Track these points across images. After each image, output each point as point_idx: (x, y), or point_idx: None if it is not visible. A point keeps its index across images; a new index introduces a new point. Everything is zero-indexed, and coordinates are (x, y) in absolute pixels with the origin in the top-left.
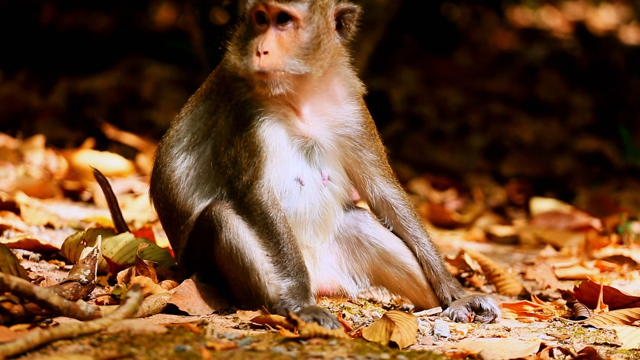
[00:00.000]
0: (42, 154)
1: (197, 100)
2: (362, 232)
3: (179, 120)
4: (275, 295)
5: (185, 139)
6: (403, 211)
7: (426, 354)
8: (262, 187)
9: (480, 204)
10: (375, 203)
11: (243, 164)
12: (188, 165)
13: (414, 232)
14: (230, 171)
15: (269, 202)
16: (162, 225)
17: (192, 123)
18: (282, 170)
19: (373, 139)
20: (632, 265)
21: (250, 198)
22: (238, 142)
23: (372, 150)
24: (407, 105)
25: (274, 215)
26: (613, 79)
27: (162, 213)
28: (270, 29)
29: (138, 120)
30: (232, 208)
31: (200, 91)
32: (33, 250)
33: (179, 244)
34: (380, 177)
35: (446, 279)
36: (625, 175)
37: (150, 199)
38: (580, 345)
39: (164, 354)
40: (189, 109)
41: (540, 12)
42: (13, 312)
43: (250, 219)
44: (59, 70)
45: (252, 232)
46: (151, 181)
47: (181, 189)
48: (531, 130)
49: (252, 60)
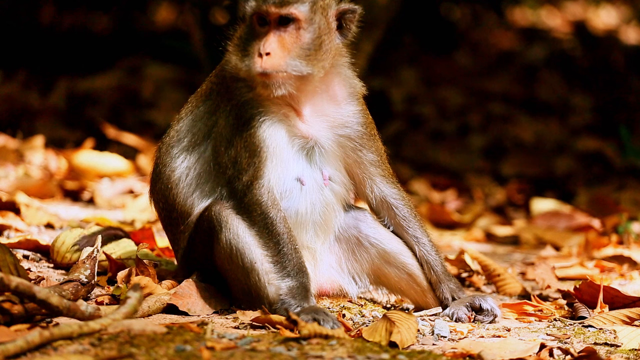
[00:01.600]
0: (42, 154)
1: (198, 100)
2: (362, 232)
3: (179, 121)
4: (275, 296)
5: (186, 139)
6: (403, 211)
7: (426, 354)
8: (262, 187)
9: (480, 204)
10: (375, 203)
11: (243, 164)
12: (188, 165)
13: (414, 232)
14: (230, 171)
15: (269, 202)
16: (162, 226)
17: (193, 123)
18: (282, 171)
19: (373, 139)
20: (632, 265)
21: (250, 198)
22: (238, 142)
23: (372, 151)
24: (407, 105)
25: (274, 216)
26: (613, 79)
27: (162, 213)
28: (272, 30)
29: (138, 120)
30: (232, 208)
31: (200, 91)
32: (33, 250)
33: (179, 244)
34: (380, 177)
35: (446, 279)
36: (625, 175)
37: (150, 199)
38: (580, 345)
39: (164, 354)
40: (189, 109)
41: (540, 12)
42: (13, 312)
43: (250, 219)
44: (59, 70)
45: (252, 233)
46: (151, 181)
47: (181, 189)
48: (531, 130)
49: (254, 61)
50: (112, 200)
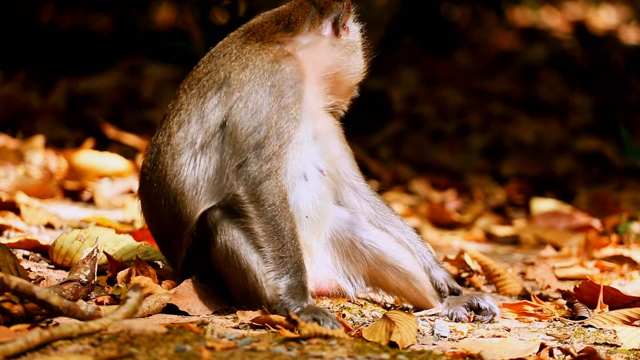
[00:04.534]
0: (42, 154)
1: (205, 92)
2: (356, 234)
3: (181, 125)
4: (274, 296)
5: (197, 141)
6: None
7: (426, 354)
8: (280, 178)
9: (480, 204)
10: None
11: (268, 151)
12: (197, 172)
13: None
14: (248, 156)
15: (282, 195)
16: (152, 233)
17: (202, 121)
18: (298, 161)
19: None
20: (632, 265)
21: (266, 186)
22: (268, 129)
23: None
24: (407, 105)
25: (284, 208)
26: (613, 79)
27: (156, 221)
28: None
29: (138, 120)
30: (228, 210)
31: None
32: (33, 250)
33: (176, 252)
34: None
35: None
36: (625, 175)
37: (141, 208)
38: (580, 345)
39: (164, 354)
40: (191, 106)
41: (540, 12)
42: (13, 312)
43: (258, 209)
44: (59, 70)
45: (247, 234)
46: (146, 186)
47: (190, 197)
48: (531, 130)
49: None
50: (112, 200)
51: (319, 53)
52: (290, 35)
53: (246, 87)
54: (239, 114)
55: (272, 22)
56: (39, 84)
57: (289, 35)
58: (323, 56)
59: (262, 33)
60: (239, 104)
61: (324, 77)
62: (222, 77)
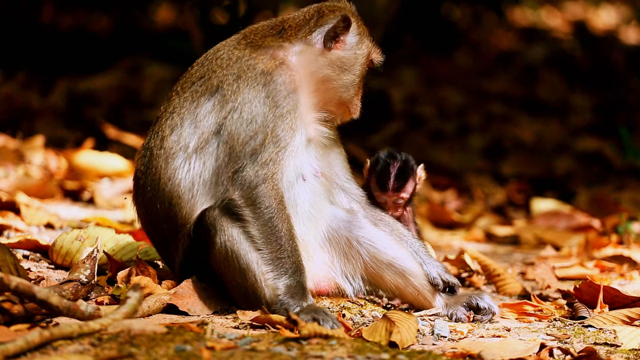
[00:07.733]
0: (42, 154)
1: (198, 97)
2: (353, 232)
3: (174, 129)
4: (274, 296)
5: (191, 144)
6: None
7: (426, 354)
8: (276, 182)
9: (480, 204)
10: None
11: (265, 157)
12: (193, 174)
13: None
14: (244, 161)
15: (278, 198)
16: (149, 237)
17: (195, 124)
18: (293, 166)
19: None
20: (632, 265)
21: (262, 190)
22: (265, 135)
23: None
24: (407, 105)
25: (280, 211)
26: (613, 79)
27: (153, 222)
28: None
29: (138, 120)
30: (226, 211)
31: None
32: (33, 250)
33: (173, 254)
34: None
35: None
36: (625, 175)
37: (136, 211)
38: (580, 345)
39: (164, 354)
40: (184, 110)
41: (540, 12)
42: (13, 312)
43: (255, 212)
44: (59, 70)
45: (247, 234)
46: (140, 189)
47: (186, 200)
48: (531, 130)
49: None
50: (112, 200)
51: (310, 63)
52: (281, 40)
53: (239, 97)
54: (234, 124)
55: (267, 27)
56: (39, 84)
57: (279, 40)
58: (314, 67)
59: (253, 37)
60: (234, 114)
61: (316, 89)
62: (215, 85)
